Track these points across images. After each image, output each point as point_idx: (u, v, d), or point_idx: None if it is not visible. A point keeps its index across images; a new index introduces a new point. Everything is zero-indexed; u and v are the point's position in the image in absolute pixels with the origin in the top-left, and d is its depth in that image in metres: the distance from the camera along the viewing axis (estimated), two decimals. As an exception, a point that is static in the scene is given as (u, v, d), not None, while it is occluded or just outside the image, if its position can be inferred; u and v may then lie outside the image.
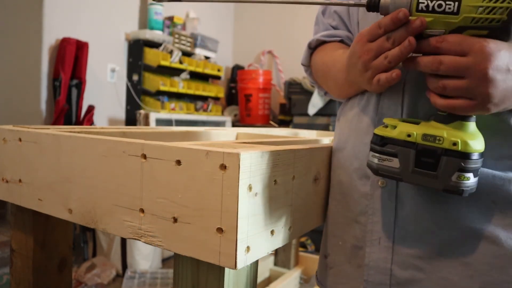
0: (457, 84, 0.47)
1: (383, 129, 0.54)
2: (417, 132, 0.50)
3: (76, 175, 0.63)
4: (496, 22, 0.44)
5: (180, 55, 3.01)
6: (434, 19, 0.47)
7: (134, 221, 0.55)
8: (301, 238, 2.90)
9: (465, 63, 0.45)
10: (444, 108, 0.49)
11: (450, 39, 0.46)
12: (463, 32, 0.46)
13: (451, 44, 0.46)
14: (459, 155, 0.48)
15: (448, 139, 0.48)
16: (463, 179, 0.48)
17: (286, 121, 3.47)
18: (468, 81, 0.46)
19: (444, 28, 0.47)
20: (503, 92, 0.46)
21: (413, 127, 0.51)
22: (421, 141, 0.50)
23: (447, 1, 0.45)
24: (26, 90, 2.47)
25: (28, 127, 0.75)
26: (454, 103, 0.48)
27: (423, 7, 0.47)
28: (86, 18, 2.64)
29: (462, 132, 0.49)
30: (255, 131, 1.24)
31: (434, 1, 0.46)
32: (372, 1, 0.50)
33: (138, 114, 2.78)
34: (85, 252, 2.50)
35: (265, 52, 3.91)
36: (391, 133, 0.52)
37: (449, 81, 0.47)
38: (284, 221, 0.58)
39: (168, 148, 0.51)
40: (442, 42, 0.47)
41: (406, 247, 0.59)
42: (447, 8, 0.46)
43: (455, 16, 0.45)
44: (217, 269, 0.51)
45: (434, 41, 0.48)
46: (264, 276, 2.20)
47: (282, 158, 0.56)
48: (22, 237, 0.79)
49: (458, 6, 0.45)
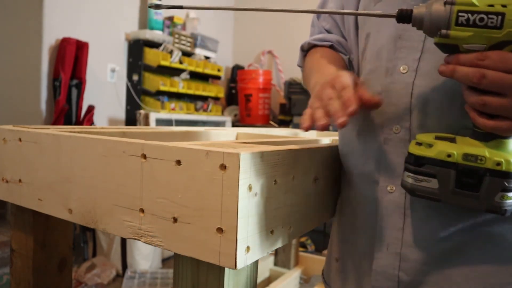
0: (499, 102, 0.44)
1: (418, 148, 0.51)
2: (457, 152, 0.48)
3: (76, 175, 0.63)
4: None
5: (180, 55, 3.01)
6: (474, 34, 0.44)
7: (134, 221, 0.55)
8: (301, 238, 2.90)
9: (511, 81, 0.43)
10: (488, 129, 0.46)
11: (494, 57, 0.44)
12: (504, 47, 0.44)
13: (495, 61, 0.43)
14: (502, 175, 0.46)
15: (491, 158, 0.46)
16: (506, 199, 0.47)
17: (286, 121, 3.47)
18: (511, 100, 0.43)
19: (484, 43, 0.44)
20: None
21: (451, 146, 0.49)
22: (462, 161, 0.48)
23: (490, 15, 0.43)
24: (26, 90, 2.47)
25: (28, 127, 0.75)
26: (500, 126, 0.45)
27: (463, 21, 0.44)
28: (86, 18, 2.64)
29: (504, 150, 0.47)
30: (255, 131, 1.24)
31: (476, 15, 0.43)
32: (403, 12, 0.48)
33: (138, 114, 2.78)
34: (85, 252, 2.50)
35: (265, 52, 3.91)
36: (428, 153, 0.50)
37: (490, 98, 0.44)
38: (284, 221, 0.58)
39: (168, 148, 0.51)
40: (484, 60, 0.44)
41: (414, 254, 0.59)
42: (489, 22, 0.43)
43: (498, 30, 0.43)
44: (217, 269, 0.51)
45: (475, 58, 0.44)
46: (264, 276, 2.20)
47: (282, 158, 0.56)
48: (22, 237, 0.79)
49: (501, 20, 0.42)
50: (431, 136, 0.52)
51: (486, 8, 0.43)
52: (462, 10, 0.44)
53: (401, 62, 0.59)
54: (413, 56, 0.58)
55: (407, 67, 0.59)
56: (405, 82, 0.58)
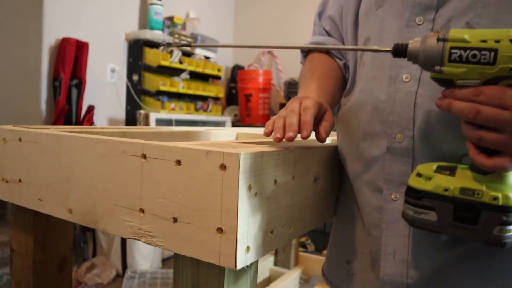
0: (494, 137, 0.44)
1: (417, 180, 0.51)
2: (454, 186, 0.48)
3: (76, 175, 0.63)
4: None
5: (180, 55, 3.02)
6: (468, 70, 0.44)
7: (134, 221, 0.55)
8: (301, 238, 2.90)
9: (505, 118, 0.42)
10: (487, 169, 0.46)
11: (488, 92, 0.43)
12: (499, 82, 0.44)
13: (489, 97, 0.43)
14: (500, 209, 0.46)
15: (488, 193, 0.46)
16: (505, 232, 0.46)
17: (286, 121, 3.46)
18: (507, 136, 0.43)
19: (478, 78, 0.44)
20: None
21: (449, 180, 0.49)
22: (459, 195, 0.48)
23: (482, 51, 0.43)
24: (26, 90, 2.47)
25: (28, 127, 0.75)
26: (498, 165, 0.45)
27: (456, 57, 0.44)
28: (86, 18, 2.64)
29: (502, 184, 0.47)
30: (255, 131, 1.24)
31: (468, 51, 0.43)
32: (399, 47, 0.48)
33: (138, 114, 2.78)
34: (85, 252, 2.50)
35: (265, 52, 3.91)
36: (426, 186, 0.50)
37: (486, 133, 0.44)
38: (284, 221, 0.58)
39: (168, 148, 0.51)
40: (479, 95, 0.44)
41: (421, 260, 0.59)
42: (482, 59, 0.43)
43: (492, 66, 0.43)
44: (217, 269, 0.51)
45: (470, 93, 0.45)
46: (264, 276, 2.20)
47: (282, 158, 0.56)
48: (22, 237, 0.79)
49: (494, 56, 0.42)
50: (432, 167, 0.52)
51: (479, 44, 0.43)
52: (454, 47, 0.44)
53: (404, 71, 0.59)
54: (416, 65, 0.58)
55: (409, 75, 0.58)
56: (408, 91, 0.58)
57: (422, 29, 0.58)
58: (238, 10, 4.14)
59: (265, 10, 3.92)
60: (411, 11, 0.59)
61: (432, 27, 0.57)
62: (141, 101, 2.89)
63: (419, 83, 0.57)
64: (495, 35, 0.43)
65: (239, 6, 4.13)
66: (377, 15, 0.64)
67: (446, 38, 0.44)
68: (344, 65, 0.77)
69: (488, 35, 0.43)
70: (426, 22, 0.58)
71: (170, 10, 3.21)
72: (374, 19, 0.65)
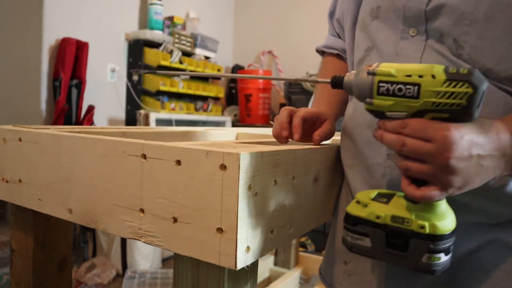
0: (419, 168, 0.46)
1: (356, 207, 0.54)
2: (386, 214, 0.51)
3: (76, 175, 0.63)
4: (457, 107, 0.44)
5: (180, 55, 3.01)
6: (395, 102, 0.46)
7: (134, 221, 0.55)
8: (301, 238, 2.90)
9: (428, 150, 0.45)
10: (416, 199, 0.48)
11: (413, 125, 0.46)
12: (425, 115, 0.46)
13: (413, 130, 0.46)
14: (427, 238, 0.48)
15: (416, 221, 0.48)
16: (434, 260, 0.48)
17: (286, 121, 3.46)
18: (430, 167, 0.45)
19: (405, 111, 0.46)
20: (465, 177, 0.45)
21: (382, 207, 0.51)
22: (390, 222, 0.50)
23: (407, 85, 0.45)
24: (26, 90, 2.47)
25: (28, 127, 0.75)
26: (425, 195, 0.46)
27: (383, 91, 0.46)
28: (86, 18, 2.64)
29: (430, 213, 0.49)
30: (255, 131, 1.24)
31: (395, 85, 0.46)
32: (336, 79, 0.51)
33: (138, 114, 2.78)
34: (85, 252, 2.50)
35: (265, 52, 3.91)
36: (361, 213, 0.53)
37: (412, 163, 0.46)
38: (284, 221, 0.58)
39: (168, 148, 0.51)
40: (404, 127, 0.46)
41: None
42: (407, 93, 0.45)
43: (416, 100, 0.45)
44: (217, 269, 0.51)
45: (397, 126, 0.47)
46: (264, 276, 2.20)
47: (282, 158, 0.56)
48: (22, 237, 0.79)
49: (418, 91, 0.45)
50: (371, 194, 0.55)
51: (404, 79, 0.45)
52: (382, 81, 0.46)
53: None
54: None
55: None
56: None
57: (416, 40, 0.59)
58: (238, 10, 4.14)
59: (265, 10, 3.92)
60: (403, 24, 0.60)
61: (426, 38, 0.58)
62: (141, 101, 2.89)
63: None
64: (419, 70, 0.45)
65: (239, 6, 4.13)
66: (374, 25, 0.65)
67: (375, 72, 0.47)
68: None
69: (413, 70, 0.45)
70: (419, 34, 0.58)
71: (170, 10, 3.21)
72: (371, 29, 0.66)
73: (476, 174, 0.46)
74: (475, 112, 0.44)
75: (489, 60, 0.53)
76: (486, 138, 0.45)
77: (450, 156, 0.43)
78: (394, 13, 0.61)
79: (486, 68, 0.54)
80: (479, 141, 0.45)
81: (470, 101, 0.43)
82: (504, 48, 0.53)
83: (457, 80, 0.43)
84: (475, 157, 0.45)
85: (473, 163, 0.45)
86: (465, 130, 0.44)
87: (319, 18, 3.49)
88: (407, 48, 0.59)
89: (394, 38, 0.61)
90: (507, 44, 0.52)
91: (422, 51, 0.58)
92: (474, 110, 0.44)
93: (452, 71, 0.44)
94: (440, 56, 0.56)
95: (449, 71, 0.44)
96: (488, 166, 0.46)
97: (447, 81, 0.43)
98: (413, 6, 0.58)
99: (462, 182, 0.46)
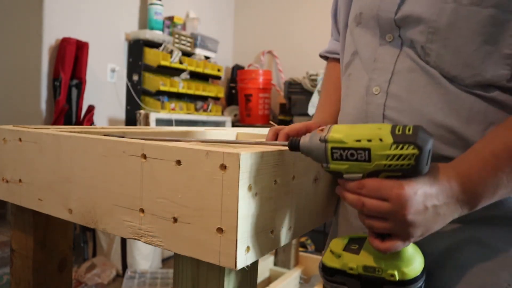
0: (381, 225, 0.48)
1: (330, 258, 0.56)
2: (358, 265, 0.53)
3: (76, 175, 0.63)
4: (407, 166, 0.46)
5: (180, 55, 3.01)
6: (349, 166, 0.48)
7: (134, 221, 0.55)
8: (301, 238, 2.90)
9: (385, 209, 0.47)
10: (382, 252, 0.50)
11: (368, 186, 0.48)
12: (379, 174, 0.48)
13: (369, 190, 0.48)
14: (398, 284, 0.51)
15: (386, 270, 0.51)
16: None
17: (286, 121, 3.47)
18: (391, 224, 0.47)
19: (361, 172, 0.48)
20: (425, 227, 0.48)
21: (354, 258, 0.54)
22: (363, 272, 0.53)
23: (358, 150, 0.47)
24: (26, 90, 2.47)
25: (28, 127, 0.75)
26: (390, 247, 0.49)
27: (337, 157, 0.48)
28: (86, 18, 2.64)
29: (399, 260, 0.51)
30: (255, 131, 1.24)
31: (346, 151, 0.48)
32: (293, 142, 0.53)
33: (138, 114, 2.78)
34: (85, 252, 2.50)
35: (265, 52, 3.91)
36: (336, 265, 0.55)
37: (374, 222, 0.49)
38: (284, 221, 0.58)
39: (168, 148, 0.51)
40: (362, 188, 0.48)
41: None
42: (359, 157, 0.47)
43: (368, 163, 0.47)
44: (217, 269, 0.51)
45: (355, 187, 0.49)
46: (264, 276, 2.20)
47: (282, 158, 0.56)
48: (22, 237, 0.79)
49: (368, 155, 0.47)
50: (343, 242, 0.57)
51: (354, 144, 0.47)
52: (334, 147, 0.48)
53: (374, 84, 0.62)
54: (384, 78, 0.61)
55: (379, 88, 0.61)
56: (377, 104, 0.61)
57: (393, 44, 0.60)
58: (238, 10, 4.14)
59: (265, 10, 3.92)
60: (380, 30, 0.62)
61: (401, 44, 0.60)
62: (141, 101, 2.89)
63: (387, 96, 0.60)
64: (368, 135, 0.47)
65: (239, 6, 4.13)
66: (357, 31, 0.67)
67: (326, 139, 0.49)
68: None
69: (362, 134, 0.47)
70: (395, 39, 0.60)
71: (170, 10, 3.21)
72: (355, 34, 0.68)
73: (434, 222, 0.48)
74: (424, 169, 0.46)
75: (454, 67, 0.55)
76: (439, 188, 0.48)
77: (407, 213, 0.46)
78: (373, 20, 0.62)
79: (452, 75, 0.55)
80: (432, 192, 0.47)
81: (418, 161, 0.45)
82: (468, 55, 0.54)
83: (403, 142, 0.45)
84: (430, 208, 0.47)
85: (430, 214, 0.47)
86: (418, 185, 0.47)
87: (319, 18, 3.48)
88: (384, 54, 0.61)
89: (374, 44, 0.63)
90: (470, 51, 0.54)
91: (397, 56, 0.60)
92: (423, 167, 0.46)
93: (398, 132, 0.46)
94: (412, 62, 0.58)
95: (396, 132, 0.46)
96: (446, 213, 0.49)
97: (394, 144, 0.45)
98: (384, 16, 0.60)
99: (422, 231, 0.48)
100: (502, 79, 0.53)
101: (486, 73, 0.53)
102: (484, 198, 0.50)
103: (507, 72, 0.53)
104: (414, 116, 0.57)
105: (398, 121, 0.59)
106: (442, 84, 0.56)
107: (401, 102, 0.58)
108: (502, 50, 0.53)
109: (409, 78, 0.58)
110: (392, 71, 0.60)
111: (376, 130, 0.47)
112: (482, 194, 0.49)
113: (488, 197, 0.50)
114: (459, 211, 0.50)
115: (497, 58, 0.53)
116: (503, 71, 0.53)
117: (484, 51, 0.53)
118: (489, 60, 0.53)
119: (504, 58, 0.53)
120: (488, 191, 0.49)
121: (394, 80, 0.59)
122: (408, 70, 0.58)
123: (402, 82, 0.59)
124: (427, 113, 0.57)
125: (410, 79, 0.58)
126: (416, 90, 0.58)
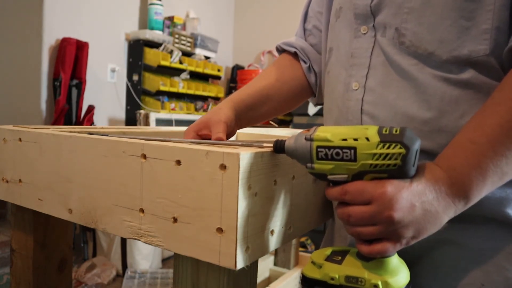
0: (369, 231, 0.47)
1: (311, 268, 0.55)
2: (339, 275, 0.51)
3: (76, 175, 0.63)
4: (393, 167, 0.45)
5: (180, 55, 3.01)
6: (334, 166, 0.47)
7: (134, 221, 0.55)
8: (301, 238, 2.90)
9: (371, 213, 0.46)
10: (366, 255, 0.49)
11: (351, 190, 0.47)
12: (364, 176, 0.47)
13: (353, 196, 0.47)
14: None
15: (369, 280, 0.49)
16: None
17: (286, 121, 3.47)
18: (379, 227, 0.46)
19: (346, 173, 0.47)
20: (415, 226, 0.46)
21: (336, 268, 0.52)
22: (345, 283, 0.51)
23: (344, 149, 0.46)
24: (26, 90, 2.47)
25: (28, 127, 0.75)
26: (375, 250, 0.47)
27: (322, 156, 0.47)
28: (86, 18, 2.65)
29: (382, 270, 0.49)
30: (255, 131, 1.24)
31: (332, 150, 0.47)
32: (278, 143, 0.52)
33: (138, 114, 2.78)
34: (85, 252, 2.50)
35: (265, 52, 3.91)
36: (316, 275, 0.53)
37: (361, 229, 0.47)
38: (284, 221, 0.58)
39: (168, 148, 0.51)
40: (345, 194, 0.47)
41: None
42: (345, 156, 0.46)
43: (354, 163, 0.46)
44: (217, 269, 0.51)
45: (338, 194, 0.48)
46: (264, 276, 2.20)
47: (282, 158, 0.56)
48: (22, 237, 0.79)
49: (354, 154, 0.46)
50: (325, 253, 0.55)
51: (340, 143, 0.46)
52: (320, 146, 0.47)
53: (353, 79, 0.63)
54: (361, 73, 0.61)
55: (358, 84, 0.62)
56: (356, 99, 0.62)
57: (367, 37, 0.62)
58: (238, 10, 4.14)
59: (265, 10, 3.92)
60: (356, 22, 0.63)
61: (374, 34, 0.61)
62: (141, 101, 2.89)
63: (364, 91, 0.61)
64: (354, 133, 0.46)
65: (239, 6, 4.13)
66: (337, 26, 0.67)
67: (312, 138, 0.48)
68: (308, 67, 0.82)
69: (348, 134, 0.46)
70: (369, 31, 0.61)
71: (170, 10, 3.21)
72: (335, 29, 0.68)
73: (425, 221, 0.47)
74: (411, 170, 0.46)
75: (430, 44, 0.55)
76: (425, 184, 0.47)
77: (392, 212, 0.45)
78: (350, 11, 0.63)
79: (428, 52, 0.56)
80: (418, 189, 0.46)
81: (404, 160, 0.44)
82: (443, 31, 0.54)
83: (389, 141, 0.45)
84: (418, 205, 0.46)
85: (418, 212, 0.46)
86: (402, 185, 0.46)
87: (319, 18, 3.48)
88: (359, 48, 0.62)
89: (350, 37, 0.64)
90: (445, 27, 0.54)
91: (371, 49, 0.61)
92: (410, 168, 0.45)
93: (385, 132, 0.45)
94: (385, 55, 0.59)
95: (382, 132, 0.45)
96: (437, 210, 0.47)
97: (381, 143, 0.45)
98: (360, 3, 0.61)
99: (413, 231, 0.47)
100: (480, 54, 0.53)
101: (463, 48, 0.54)
102: (475, 187, 0.48)
103: (485, 47, 0.53)
104: (389, 110, 0.58)
105: (375, 116, 0.59)
106: (413, 75, 0.56)
107: (377, 96, 0.59)
108: (480, 25, 0.53)
109: (383, 72, 0.59)
110: (369, 66, 0.61)
111: (363, 130, 0.46)
112: (471, 184, 0.48)
113: (478, 185, 0.48)
114: (452, 207, 0.48)
115: (475, 33, 0.53)
116: (480, 46, 0.53)
117: (459, 26, 0.54)
118: (466, 36, 0.53)
119: (482, 33, 0.53)
120: (476, 179, 0.48)
121: (370, 74, 0.61)
122: (381, 64, 0.60)
123: (378, 76, 0.60)
124: (400, 106, 0.57)
125: (384, 74, 0.59)
126: (390, 84, 0.58)
